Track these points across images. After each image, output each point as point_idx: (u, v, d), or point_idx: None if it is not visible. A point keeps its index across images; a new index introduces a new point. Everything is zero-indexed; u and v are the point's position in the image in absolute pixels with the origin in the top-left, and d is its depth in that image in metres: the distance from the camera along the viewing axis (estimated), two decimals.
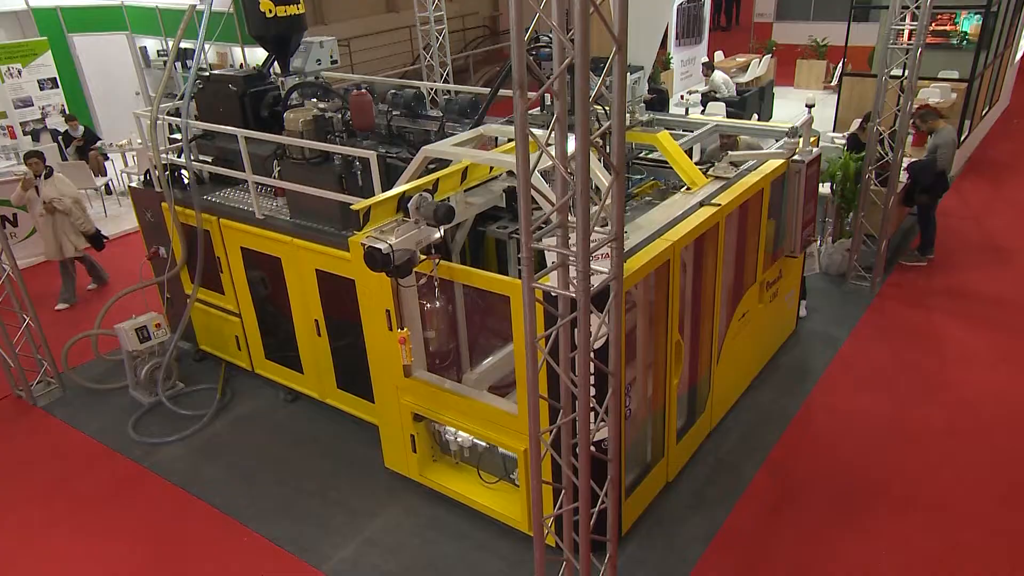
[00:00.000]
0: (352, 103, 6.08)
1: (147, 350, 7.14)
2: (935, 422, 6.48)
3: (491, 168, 5.38)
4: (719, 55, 17.50)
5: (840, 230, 9.07)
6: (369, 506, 5.87)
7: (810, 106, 7.48)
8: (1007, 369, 7.14)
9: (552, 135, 3.04)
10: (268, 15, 6.84)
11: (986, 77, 12.98)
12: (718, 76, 14.07)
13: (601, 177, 4.69)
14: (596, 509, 3.62)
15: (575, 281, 3.09)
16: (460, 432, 5.54)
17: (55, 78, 14.67)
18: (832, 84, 15.96)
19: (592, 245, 3.05)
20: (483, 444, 5.53)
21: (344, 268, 5.68)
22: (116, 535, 5.80)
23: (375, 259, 4.43)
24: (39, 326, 7.48)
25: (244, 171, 6.47)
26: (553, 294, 3.39)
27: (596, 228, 3.10)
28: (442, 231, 4.72)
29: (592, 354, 3.29)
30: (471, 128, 6.05)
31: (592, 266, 3.10)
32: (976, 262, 9.24)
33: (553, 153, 3.00)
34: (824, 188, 8.61)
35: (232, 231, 6.68)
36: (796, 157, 6.40)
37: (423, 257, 4.75)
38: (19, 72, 14.48)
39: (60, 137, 13.62)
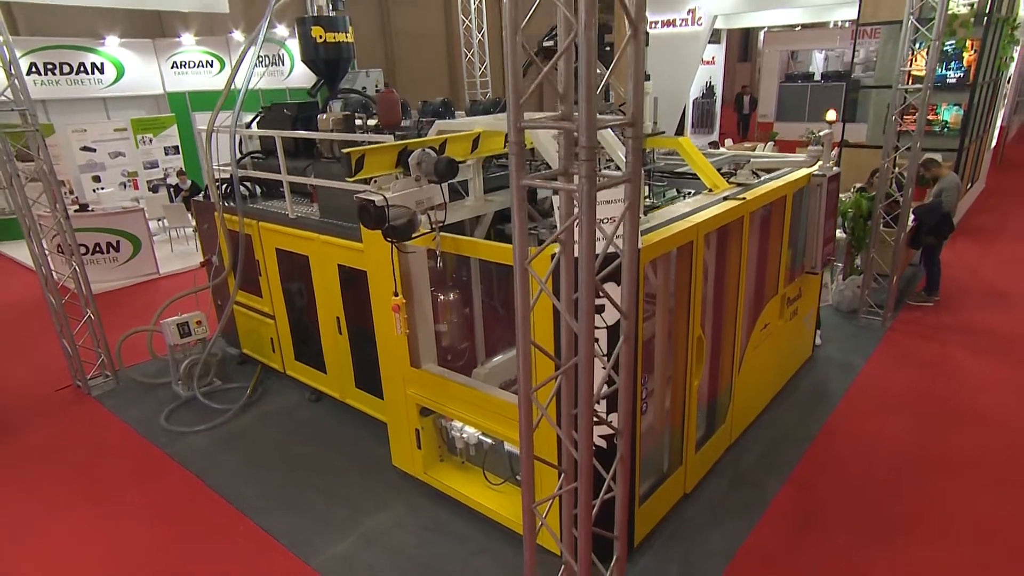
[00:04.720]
0: (379, 101, 5.07)
1: (188, 345, 6.07)
2: (967, 447, 4.93)
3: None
4: (728, 142, 16.45)
5: (850, 268, 7.64)
6: (372, 504, 4.55)
7: (831, 121, 6.20)
8: None
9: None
10: (319, 40, 5.99)
11: (971, 152, 11.56)
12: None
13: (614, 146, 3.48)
14: (600, 498, 2.29)
15: (578, 182, 1.88)
16: (466, 427, 4.25)
17: (177, 146, 14.82)
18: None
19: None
20: (489, 441, 4.22)
21: (362, 261, 4.55)
22: (124, 517, 4.59)
23: (369, 213, 3.27)
24: (99, 321, 6.48)
25: (288, 182, 5.47)
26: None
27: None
28: (445, 189, 3.53)
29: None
30: None
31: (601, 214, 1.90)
32: (981, 304, 7.66)
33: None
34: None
35: (269, 233, 5.64)
36: (817, 171, 5.14)
37: (423, 231, 3.58)
38: (150, 140, 14.83)
39: (171, 188, 13.33)
